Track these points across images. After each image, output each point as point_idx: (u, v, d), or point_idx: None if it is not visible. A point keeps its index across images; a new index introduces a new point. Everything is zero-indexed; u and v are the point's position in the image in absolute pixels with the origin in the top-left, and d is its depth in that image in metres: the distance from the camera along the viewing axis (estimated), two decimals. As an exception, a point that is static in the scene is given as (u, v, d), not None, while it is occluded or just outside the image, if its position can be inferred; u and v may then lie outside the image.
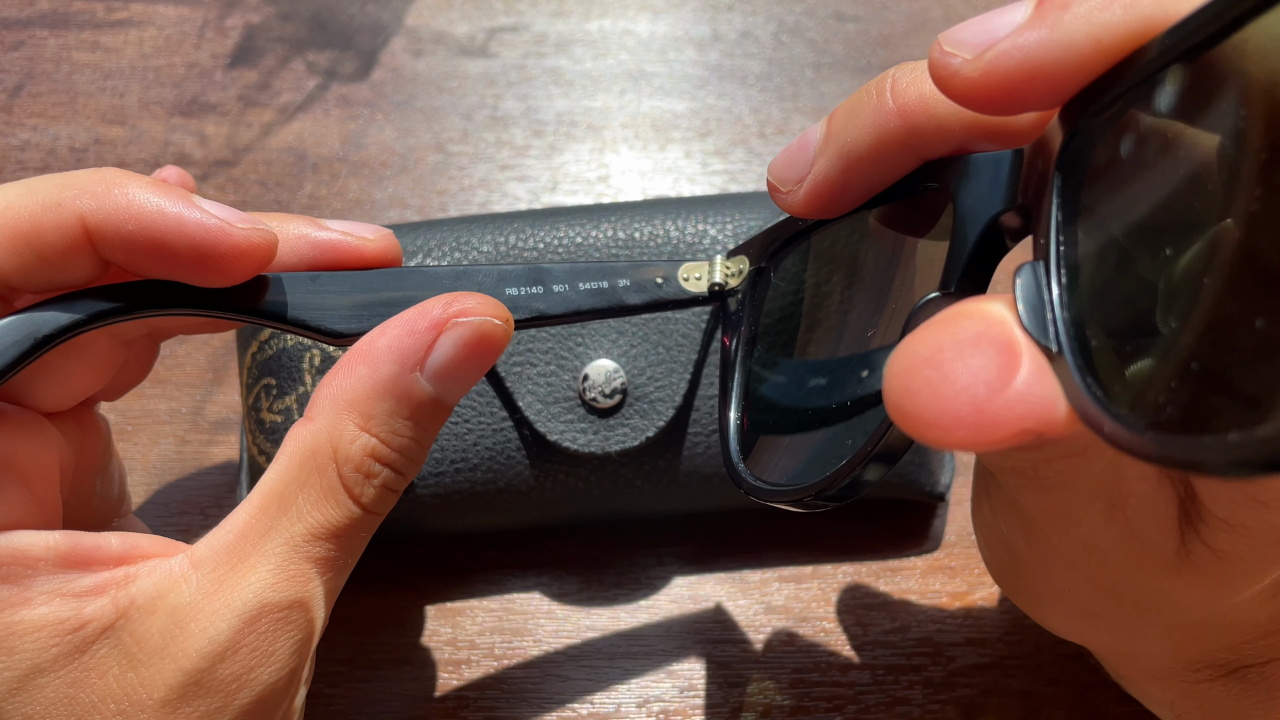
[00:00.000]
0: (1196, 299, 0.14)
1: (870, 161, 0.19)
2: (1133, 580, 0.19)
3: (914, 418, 0.14)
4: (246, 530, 0.21)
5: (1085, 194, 0.16)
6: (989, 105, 0.16)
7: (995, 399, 0.14)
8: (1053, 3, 0.15)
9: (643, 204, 0.34)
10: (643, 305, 0.25)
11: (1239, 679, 0.21)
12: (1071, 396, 0.14)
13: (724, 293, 0.25)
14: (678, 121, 0.45)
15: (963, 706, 0.31)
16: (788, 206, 0.21)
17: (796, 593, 0.33)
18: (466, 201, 0.42)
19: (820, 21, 0.48)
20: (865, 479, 0.20)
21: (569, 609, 0.33)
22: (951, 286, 0.18)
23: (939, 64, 0.16)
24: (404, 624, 0.32)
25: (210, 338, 0.38)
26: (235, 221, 0.21)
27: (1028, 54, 0.15)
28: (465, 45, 0.47)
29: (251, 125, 0.44)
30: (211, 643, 0.20)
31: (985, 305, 0.15)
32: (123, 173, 0.21)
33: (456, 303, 0.22)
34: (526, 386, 0.31)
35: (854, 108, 0.19)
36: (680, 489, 0.32)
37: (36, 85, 0.45)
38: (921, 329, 0.15)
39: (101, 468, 0.27)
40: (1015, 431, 0.14)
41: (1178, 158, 0.14)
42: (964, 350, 0.14)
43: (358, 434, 0.21)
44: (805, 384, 0.23)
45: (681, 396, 0.31)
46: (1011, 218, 0.18)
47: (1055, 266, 0.15)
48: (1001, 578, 0.24)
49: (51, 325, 0.21)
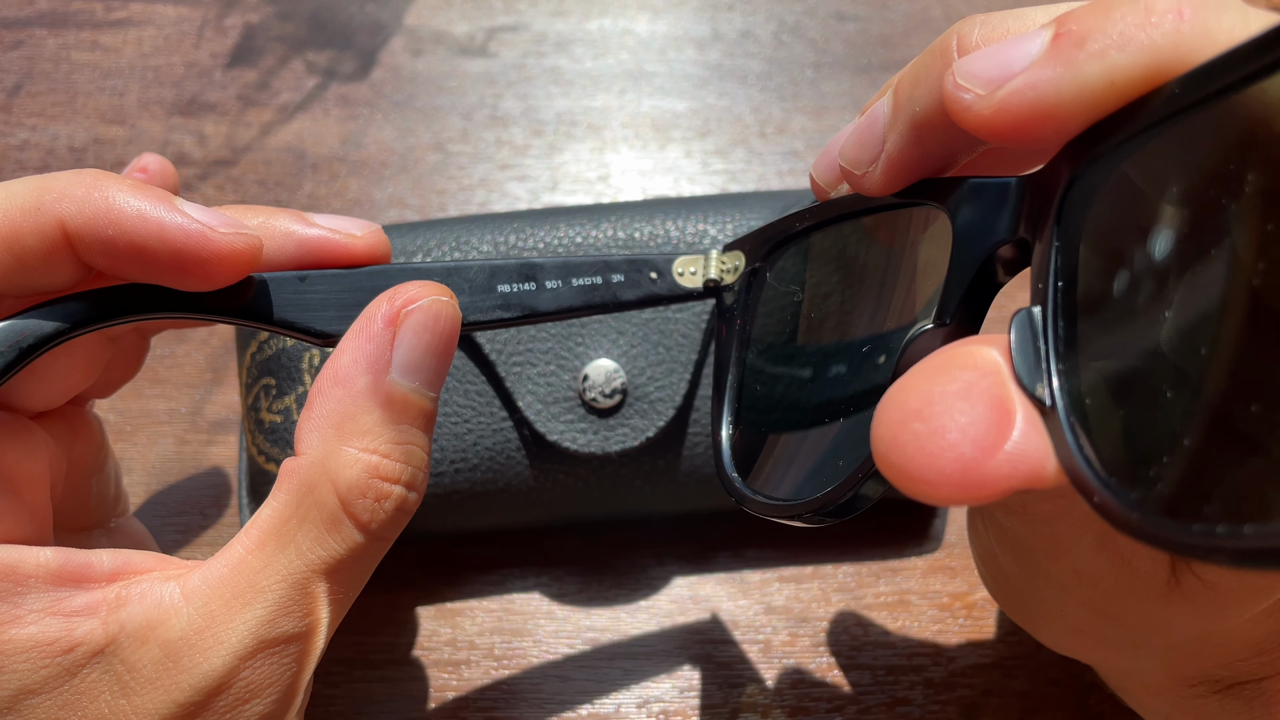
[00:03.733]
0: (1198, 368, 0.13)
1: (946, 127, 0.18)
2: (1124, 606, 0.19)
3: (900, 471, 0.14)
4: (242, 565, 0.20)
5: (1087, 237, 0.15)
6: (1002, 140, 0.16)
7: (983, 457, 0.14)
8: (1068, 38, 0.15)
9: (643, 204, 0.34)
10: (637, 301, 0.24)
11: (1234, 695, 0.21)
12: (1061, 455, 0.14)
13: (719, 289, 0.25)
14: (678, 121, 0.45)
15: (963, 707, 0.31)
16: (867, 189, 0.20)
17: (796, 593, 0.33)
18: (466, 201, 0.42)
19: (820, 21, 0.48)
20: (865, 495, 0.19)
21: (569, 609, 0.33)
22: (947, 318, 0.18)
23: (952, 98, 0.16)
24: (404, 624, 0.32)
25: (209, 338, 0.38)
26: (218, 226, 0.20)
27: (1040, 94, 0.15)
28: (465, 45, 0.47)
29: (251, 125, 0.44)
30: (205, 678, 0.20)
31: (978, 353, 0.15)
32: (103, 174, 0.21)
33: (400, 295, 0.21)
34: (526, 386, 0.31)
35: (918, 75, 0.19)
36: (680, 489, 0.32)
37: (35, 85, 0.45)
38: (913, 375, 0.15)
39: (96, 468, 0.27)
40: (1002, 490, 0.14)
41: (1187, 208, 0.14)
42: (954, 404, 0.14)
43: (357, 457, 0.20)
44: (801, 394, 0.23)
45: (681, 396, 0.31)
46: (1009, 250, 0.17)
47: (1052, 314, 0.15)
48: (997, 594, 0.24)
49: (35, 334, 0.20)
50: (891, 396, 0.15)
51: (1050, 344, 0.15)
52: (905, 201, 0.20)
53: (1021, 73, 0.15)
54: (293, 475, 0.21)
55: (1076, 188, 0.15)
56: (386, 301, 0.21)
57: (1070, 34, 0.15)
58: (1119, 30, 0.14)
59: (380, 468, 0.20)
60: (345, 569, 0.21)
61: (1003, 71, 0.16)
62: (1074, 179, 0.15)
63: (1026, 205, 0.17)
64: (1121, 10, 0.15)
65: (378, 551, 0.21)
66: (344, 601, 0.21)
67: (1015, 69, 0.15)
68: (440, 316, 0.21)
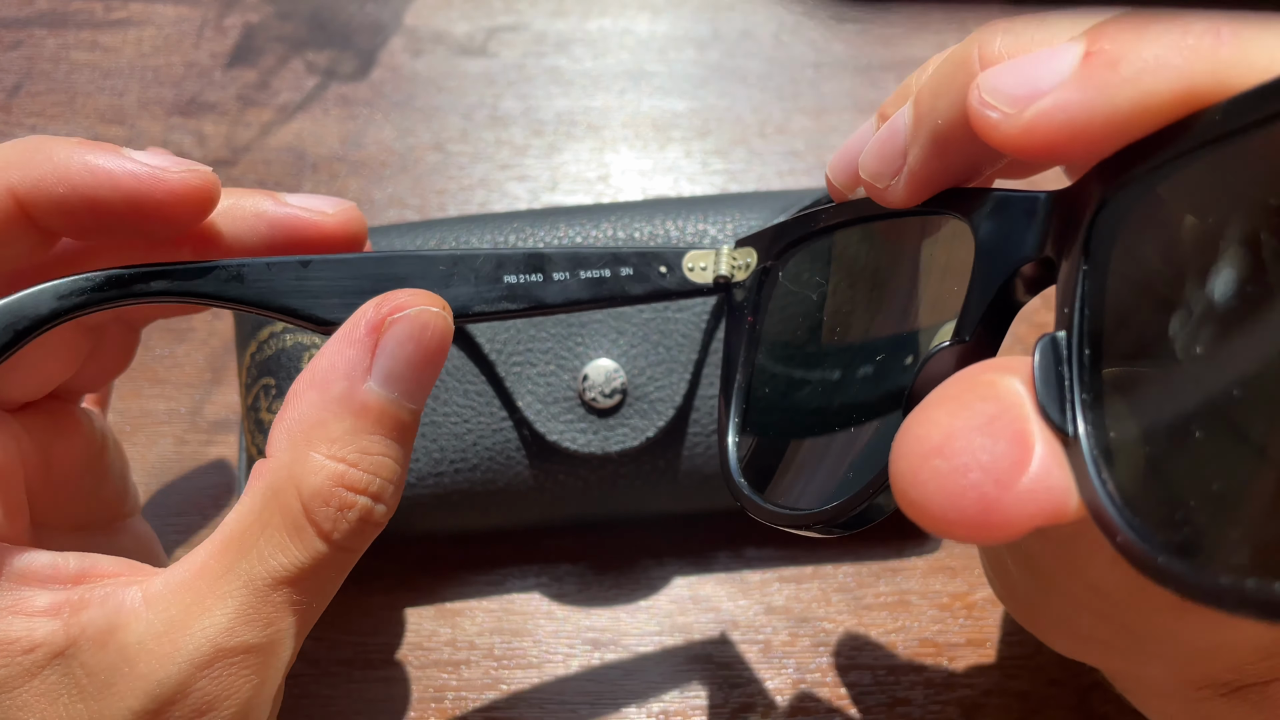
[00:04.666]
0: (1232, 409, 0.12)
1: (969, 140, 0.18)
2: (1137, 617, 0.19)
3: (920, 509, 0.14)
4: (203, 570, 0.20)
5: (1117, 262, 0.15)
6: (1028, 158, 0.16)
7: (1005, 495, 0.13)
8: (1100, 59, 0.14)
9: (643, 204, 0.34)
10: (645, 295, 0.24)
11: (1241, 698, 0.21)
12: (1084, 491, 0.13)
13: (729, 285, 0.24)
14: (678, 121, 0.45)
15: (963, 707, 0.31)
16: (890, 202, 0.20)
17: (796, 593, 0.33)
18: (466, 201, 0.42)
19: (820, 21, 0.48)
20: (878, 508, 0.19)
21: (569, 609, 0.33)
22: (966, 335, 0.17)
23: (978, 115, 0.16)
24: (404, 624, 0.32)
25: (209, 338, 0.38)
26: (169, 166, 0.20)
27: (1070, 116, 0.15)
28: (464, 45, 0.47)
29: (250, 125, 0.44)
30: (160, 685, 0.19)
31: (999, 383, 0.14)
32: (47, 138, 0.20)
33: (387, 302, 0.20)
34: (526, 386, 0.31)
35: (939, 85, 0.18)
36: (680, 489, 0.32)
37: (35, 85, 0.45)
38: (932, 405, 0.14)
39: (88, 466, 0.26)
40: (1023, 529, 0.13)
41: (1225, 238, 0.13)
42: (975, 441, 0.14)
43: (323, 464, 0.20)
44: (811, 399, 0.22)
45: (681, 396, 0.31)
46: (1033, 268, 0.17)
47: (1078, 341, 0.14)
48: (1005, 601, 0.24)
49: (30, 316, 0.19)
50: (910, 429, 0.14)
51: (1075, 372, 0.14)
52: (927, 211, 0.19)
53: (1050, 92, 0.15)
54: (260, 478, 0.20)
55: (1107, 210, 0.15)
56: (373, 307, 0.20)
57: (1102, 54, 0.14)
58: (1154, 53, 0.14)
59: (346, 476, 0.20)
60: (307, 578, 0.20)
61: (1031, 90, 0.15)
62: (1104, 201, 0.15)
63: (1054, 224, 0.16)
64: (1156, 31, 0.14)
65: (344, 562, 0.21)
66: (308, 612, 0.20)
67: (1044, 88, 0.15)
68: (427, 327, 0.20)
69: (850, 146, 0.21)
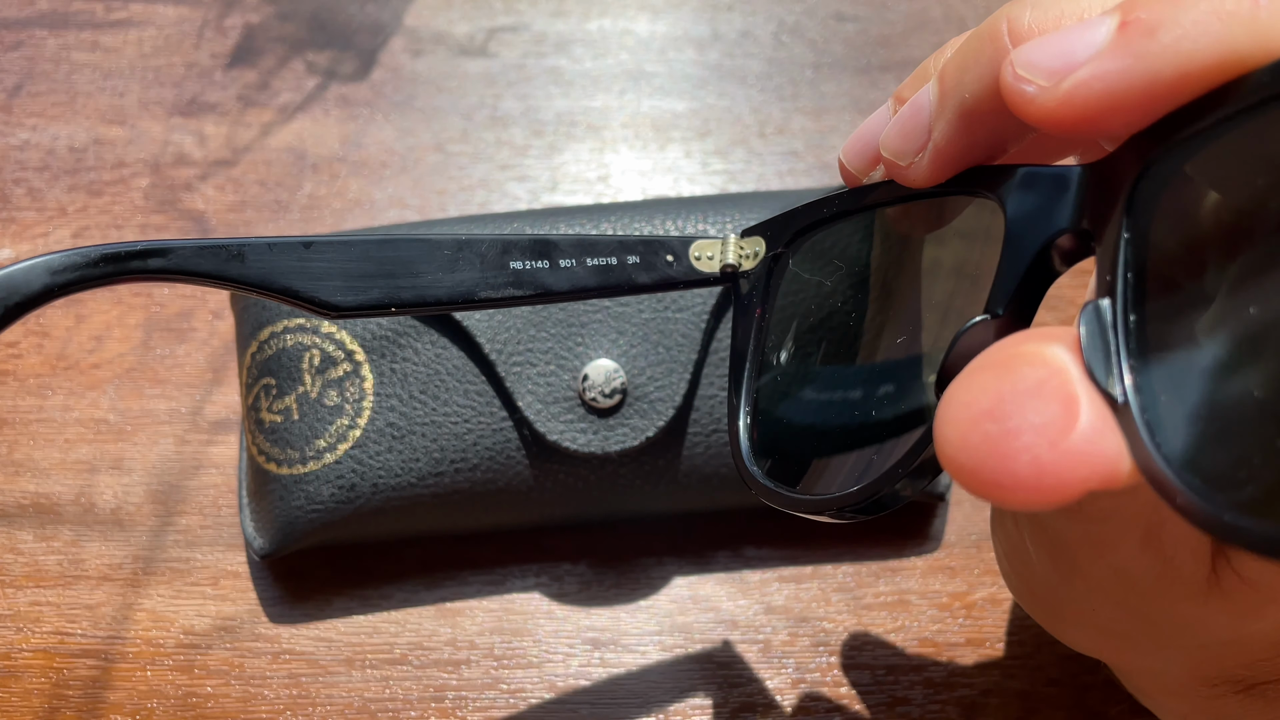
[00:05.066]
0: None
1: (998, 114, 0.17)
2: (1160, 605, 0.19)
3: (971, 474, 0.13)
4: None
5: (1160, 229, 0.14)
6: (1065, 132, 0.15)
7: (1059, 458, 0.13)
8: (1137, 27, 0.14)
9: (643, 204, 0.34)
10: (651, 284, 0.23)
11: (1255, 695, 0.21)
12: (1138, 454, 0.13)
13: (736, 275, 0.24)
14: (678, 121, 0.45)
15: (963, 706, 0.31)
16: (912, 180, 0.19)
17: (796, 593, 0.33)
18: (466, 201, 0.42)
19: (820, 21, 0.48)
20: (901, 493, 0.18)
21: (569, 609, 0.33)
22: (1000, 309, 0.17)
23: (1012, 89, 0.15)
24: (404, 624, 0.32)
25: (209, 338, 0.38)
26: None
27: (1109, 86, 0.14)
28: (465, 45, 0.47)
29: (251, 125, 0.44)
30: None
31: (1045, 349, 0.14)
32: None
33: None
34: (526, 386, 0.31)
35: (966, 60, 0.18)
36: (680, 489, 0.32)
37: (36, 85, 0.45)
38: (977, 372, 0.14)
39: None
40: (1076, 492, 0.13)
41: (1271, 202, 0.13)
42: (1026, 403, 0.13)
43: None
44: (827, 385, 0.22)
45: (681, 396, 0.31)
46: (1069, 240, 0.17)
47: (1123, 307, 0.14)
48: (1020, 592, 0.24)
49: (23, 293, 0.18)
50: (956, 395, 0.14)
51: (1122, 337, 0.14)
52: (951, 191, 0.19)
53: (1087, 63, 0.15)
54: None
55: (1148, 179, 0.15)
56: None
57: (1139, 23, 0.14)
58: (1191, 19, 0.14)
59: None
60: None
61: (1066, 62, 0.15)
62: (1145, 170, 0.15)
63: (1090, 195, 0.16)
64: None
65: None
66: None
67: (1079, 59, 0.15)
68: None
69: (867, 129, 0.21)
